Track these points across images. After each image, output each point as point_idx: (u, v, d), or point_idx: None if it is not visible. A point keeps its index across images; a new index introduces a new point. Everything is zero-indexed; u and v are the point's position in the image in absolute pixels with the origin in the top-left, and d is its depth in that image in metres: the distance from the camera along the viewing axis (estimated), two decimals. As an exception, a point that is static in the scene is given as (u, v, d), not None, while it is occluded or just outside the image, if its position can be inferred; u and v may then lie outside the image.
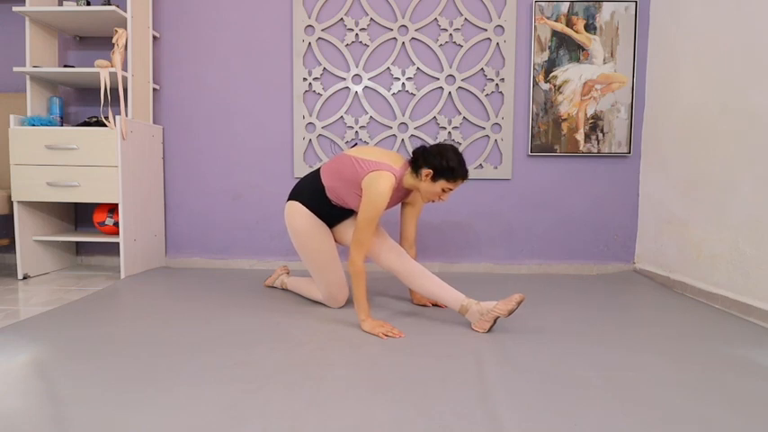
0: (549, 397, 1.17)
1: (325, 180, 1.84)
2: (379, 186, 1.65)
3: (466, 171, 1.70)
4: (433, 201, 1.75)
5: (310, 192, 1.89)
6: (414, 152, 1.73)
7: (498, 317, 1.63)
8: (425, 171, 1.67)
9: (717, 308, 2.00)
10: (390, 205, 1.86)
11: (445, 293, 1.73)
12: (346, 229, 1.95)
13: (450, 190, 1.71)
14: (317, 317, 1.83)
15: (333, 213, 1.90)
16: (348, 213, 1.93)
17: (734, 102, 1.98)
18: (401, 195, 1.86)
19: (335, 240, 1.99)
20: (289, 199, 1.95)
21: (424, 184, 1.69)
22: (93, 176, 2.38)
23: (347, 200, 1.82)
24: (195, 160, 2.81)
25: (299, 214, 1.88)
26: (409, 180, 1.74)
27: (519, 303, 1.60)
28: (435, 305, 1.99)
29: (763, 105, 1.84)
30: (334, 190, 1.82)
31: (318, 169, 1.92)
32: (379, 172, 1.68)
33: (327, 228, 1.92)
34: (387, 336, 1.60)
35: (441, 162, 1.65)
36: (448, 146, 1.71)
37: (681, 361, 1.41)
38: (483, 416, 1.07)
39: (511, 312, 1.61)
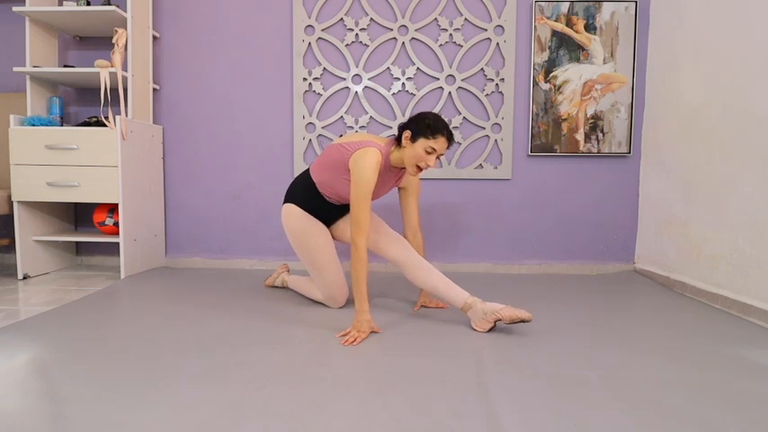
0: (549, 397, 1.17)
1: (315, 176, 1.85)
2: (365, 161, 1.65)
3: (446, 128, 1.66)
4: (420, 167, 1.69)
5: (303, 191, 1.89)
6: (397, 127, 1.72)
7: (500, 320, 1.63)
8: (405, 134, 1.67)
9: (717, 308, 2.00)
10: (383, 189, 1.86)
11: (449, 289, 1.73)
12: (345, 225, 1.95)
13: (434, 150, 1.66)
14: (317, 317, 1.83)
15: (329, 210, 1.91)
16: (345, 210, 1.94)
17: (734, 102, 1.98)
18: (393, 177, 1.85)
19: (335, 237, 2.00)
20: (284, 202, 1.95)
21: (407, 150, 1.68)
22: (93, 176, 2.38)
23: (339, 189, 1.81)
24: (195, 160, 2.81)
25: (295, 216, 1.89)
26: (396, 155, 1.74)
27: (523, 320, 1.59)
28: (437, 306, 1.98)
29: (763, 105, 1.83)
30: (326, 183, 1.82)
31: (308, 169, 1.92)
32: (364, 149, 1.68)
33: (325, 228, 1.92)
34: (355, 341, 1.55)
35: (417, 122, 1.66)
36: (428, 112, 1.72)
37: (681, 361, 1.41)
38: (483, 416, 1.07)
39: (513, 321, 1.61)
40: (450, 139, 1.68)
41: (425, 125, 1.64)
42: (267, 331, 1.65)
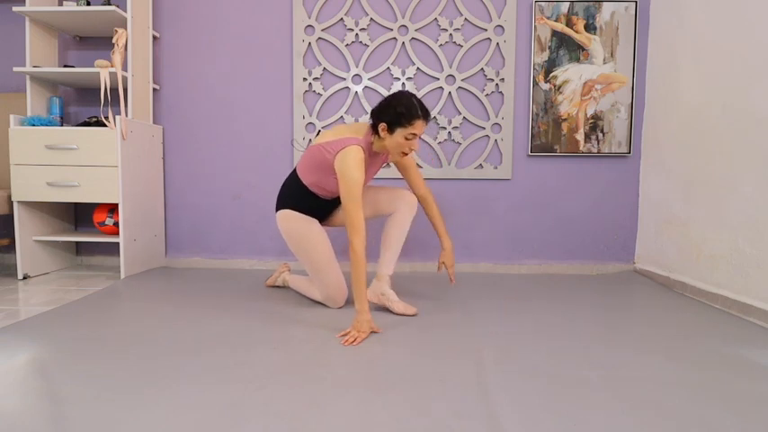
0: (549, 397, 1.17)
1: (305, 179, 1.86)
2: (348, 162, 1.65)
3: (419, 111, 1.63)
4: (406, 153, 1.70)
5: (296, 195, 1.90)
6: (370, 114, 1.73)
7: (387, 308, 1.88)
8: (381, 126, 1.67)
9: (717, 308, 2.00)
10: (370, 173, 1.89)
11: (389, 256, 1.91)
12: (336, 214, 2.04)
13: (414, 135, 1.65)
14: (317, 317, 1.83)
15: (324, 205, 1.93)
16: (339, 201, 1.97)
17: (734, 102, 1.98)
18: (379, 160, 1.87)
19: (336, 224, 2.05)
20: (277, 209, 1.96)
21: (387, 140, 1.68)
22: (93, 176, 2.38)
23: (330, 187, 1.83)
24: (195, 160, 2.81)
25: (290, 219, 1.90)
26: (377, 143, 1.74)
27: (410, 315, 1.83)
28: (450, 276, 2.02)
29: (763, 105, 1.83)
30: (316, 184, 1.84)
31: (294, 172, 1.92)
32: (346, 149, 1.68)
33: (323, 229, 1.94)
34: (355, 341, 1.54)
35: (389, 111, 1.64)
36: (398, 93, 1.70)
37: (681, 361, 1.41)
38: (483, 416, 1.07)
39: (401, 314, 1.85)
40: (427, 118, 1.66)
41: (398, 114, 1.63)
42: (267, 331, 1.65)
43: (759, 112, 1.85)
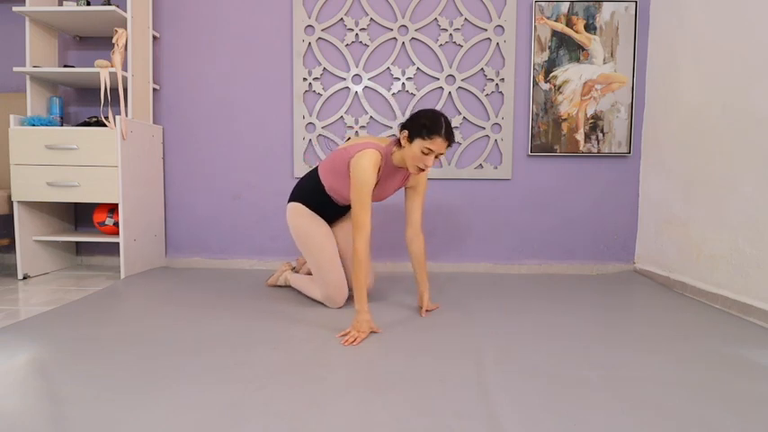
0: (549, 397, 1.17)
1: (324, 180, 1.88)
2: (362, 163, 1.66)
3: (443, 129, 1.60)
4: (421, 168, 1.66)
5: (312, 192, 1.92)
6: (399, 126, 1.74)
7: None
8: (403, 134, 1.67)
9: (717, 308, 2.00)
10: (389, 190, 1.88)
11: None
12: (345, 227, 2.03)
13: (431, 151, 1.61)
14: (317, 317, 1.83)
15: (336, 208, 1.95)
16: (349, 209, 1.98)
17: (734, 102, 1.98)
18: (400, 177, 1.86)
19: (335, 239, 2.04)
20: (290, 200, 1.97)
21: (406, 150, 1.66)
22: (93, 176, 2.38)
23: (346, 194, 1.85)
24: (195, 160, 2.81)
25: (300, 215, 1.92)
26: (397, 155, 1.73)
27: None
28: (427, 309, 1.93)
29: (763, 105, 1.83)
30: (333, 188, 1.86)
31: (316, 169, 1.94)
32: (363, 151, 1.69)
33: (329, 229, 1.96)
34: (355, 341, 1.54)
35: (414, 121, 1.64)
36: (428, 109, 1.69)
37: (681, 361, 1.41)
38: (483, 416, 1.07)
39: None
40: (448, 138, 1.63)
41: (421, 125, 1.61)
42: (267, 331, 1.65)
43: (759, 112, 1.85)
